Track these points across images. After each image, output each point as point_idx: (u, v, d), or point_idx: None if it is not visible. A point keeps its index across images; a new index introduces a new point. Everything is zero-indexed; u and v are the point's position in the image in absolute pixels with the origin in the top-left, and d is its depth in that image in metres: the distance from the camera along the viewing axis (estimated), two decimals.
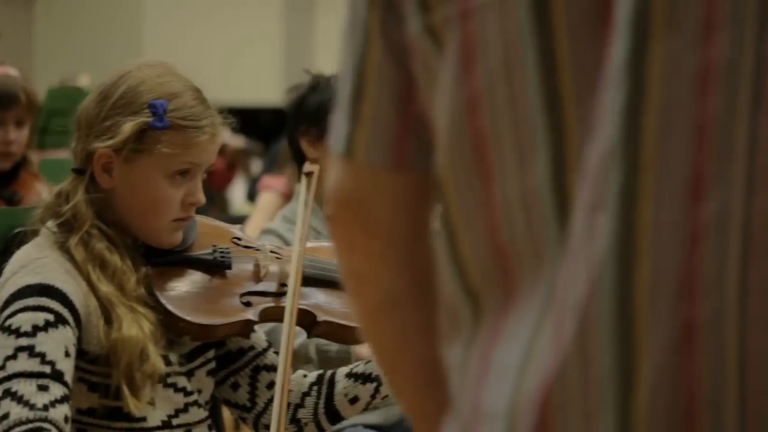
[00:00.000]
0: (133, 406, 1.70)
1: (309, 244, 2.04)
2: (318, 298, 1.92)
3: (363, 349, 2.52)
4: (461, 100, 0.82)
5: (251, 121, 6.08)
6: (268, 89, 8.83)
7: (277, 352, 1.97)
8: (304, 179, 1.96)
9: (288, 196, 3.44)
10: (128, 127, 1.74)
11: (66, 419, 1.62)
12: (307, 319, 1.87)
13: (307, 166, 1.99)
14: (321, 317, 1.90)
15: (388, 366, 1.01)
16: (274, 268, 1.89)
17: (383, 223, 0.92)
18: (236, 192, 7.28)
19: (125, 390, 1.69)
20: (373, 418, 2.42)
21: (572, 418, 0.77)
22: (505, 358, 0.80)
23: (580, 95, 0.79)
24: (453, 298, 0.85)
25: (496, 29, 0.81)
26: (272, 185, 3.92)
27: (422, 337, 0.94)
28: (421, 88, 0.88)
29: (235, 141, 5.68)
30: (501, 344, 0.81)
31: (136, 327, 1.71)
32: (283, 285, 1.85)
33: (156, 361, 1.72)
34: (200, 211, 1.94)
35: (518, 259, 0.81)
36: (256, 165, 7.34)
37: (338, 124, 0.93)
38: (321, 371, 2.00)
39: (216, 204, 5.80)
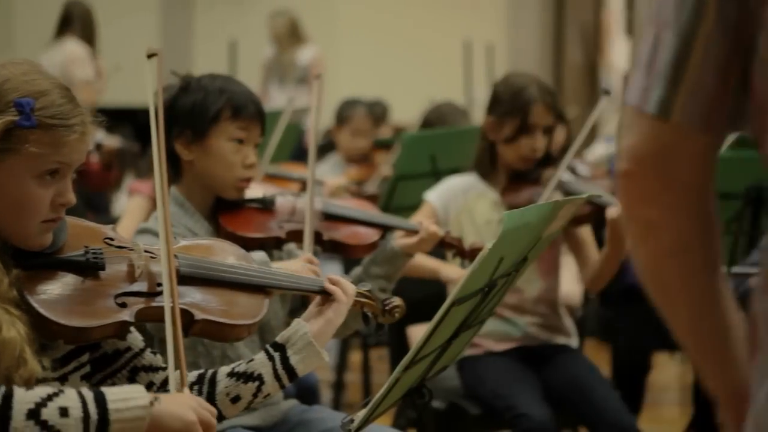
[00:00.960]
0: None
1: (183, 242, 2.02)
2: (195, 297, 1.91)
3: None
4: None
5: (128, 122, 5.98)
6: (145, 89, 8.68)
7: (155, 352, 1.94)
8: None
9: (155, 201, 3.40)
10: None
11: None
12: (184, 319, 1.85)
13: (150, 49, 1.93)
14: (199, 316, 1.88)
15: (670, 306, 1.14)
16: (149, 267, 1.86)
17: (684, 177, 1.04)
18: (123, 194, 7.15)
19: None
20: (252, 419, 2.41)
21: None
22: None
23: None
24: None
25: None
26: (141, 189, 3.86)
27: (706, 277, 1.07)
28: (760, 62, 0.95)
29: (111, 141, 5.58)
30: None
31: (13, 329, 1.68)
32: (159, 285, 1.83)
33: (33, 364, 1.69)
34: (74, 212, 1.90)
35: None
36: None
37: (649, 86, 1.01)
38: (201, 371, 1.99)
39: (95, 206, 5.69)
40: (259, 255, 2.33)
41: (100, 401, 1.66)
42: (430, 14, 8.98)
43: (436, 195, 3.26)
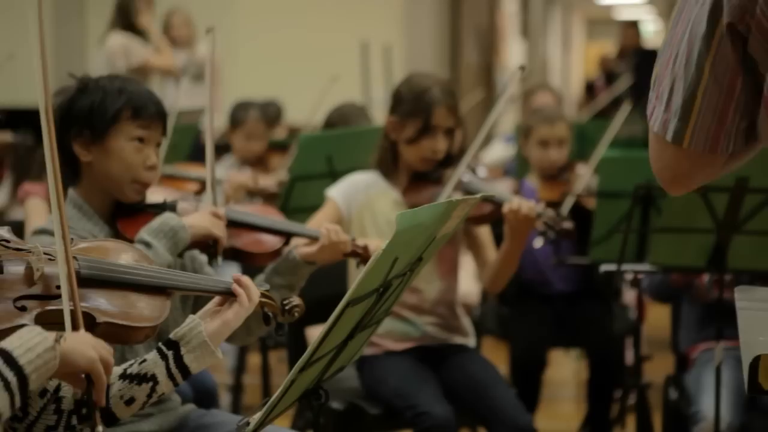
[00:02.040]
0: None
1: (82, 244, 1.98)
2: (96, 299, 1.88)
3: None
4: None
5: (24, 122, 5.86)
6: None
7: None
8: None
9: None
10: None
11: None
12: (86, 321, 1.82)
13: None
14: (101, 318, 1.85)
15: None
16: (48, 269, 1.82)
17: (701, 181, 1.52)
18: None
19: None
20: (149, 425, 2.38)
21: None
22: None
23: None
24: None
25: None
26: (34, 191, 3.78)
27: None
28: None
29: (2, 135, 5.46)
30: None
31: None
32: (58, 287, 1.79)
33: None
34: None
35: None
36: None
37: (668, 120, 1.46)
38: None
39: None
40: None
41: (10, 361, 1.63)
42: (327, 14, 8.98)
43: (338, 191, 3.26)
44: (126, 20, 6.82)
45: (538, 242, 3.33)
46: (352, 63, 7.67)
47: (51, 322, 1.80)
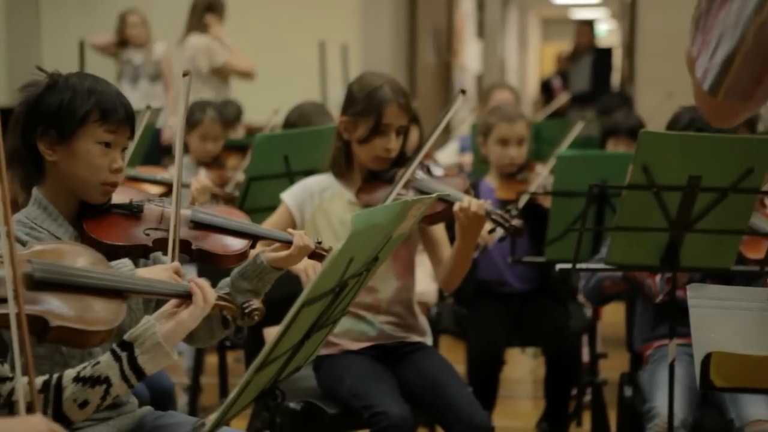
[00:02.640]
0: None
1: (37, 246, 1.96)
2: (49, 302, 1.86)
3: None
4: None
5: None
6: None
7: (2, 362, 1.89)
8: None
9: (14, 203, 3.28)
10: None
11: None
12: (38, 325, 1.80)
13: None
14: (54, 322, 1.83)
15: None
16: None
17: (733, 121, 1.70)
18: None
19: None
20: (106, 429, 2.36)
21: None
22: None
23: None
24: None
25: None
26: None
27: None
28: None
29: None
30: None
31: None
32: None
33: None
34: None
35: None
36: None
37: (708, 70, 1.57)
38: (46, 377, 1.94)
39: None
40: (124, 264, 2.28)
41: None
42: (285, 14, 8.96)
43: (290, 195, 3.27)
44: (201, 24, 7.08)
45: (495, 234, 3.36)
46: (310, 62, 7.66)
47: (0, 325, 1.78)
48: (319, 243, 2.61)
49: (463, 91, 3.43)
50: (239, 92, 7.27)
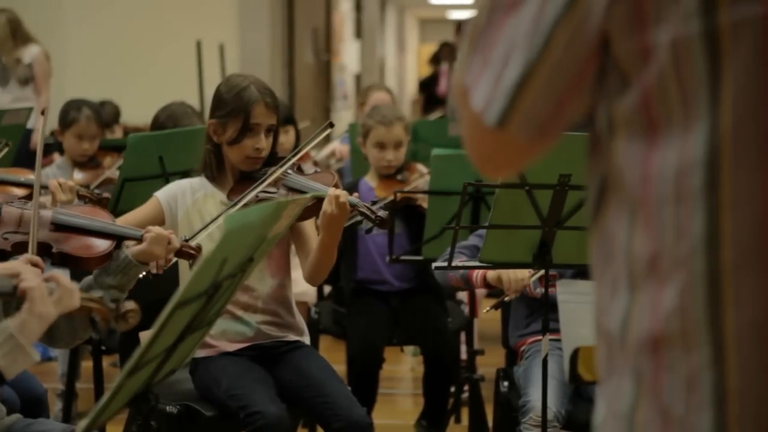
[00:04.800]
0: None
1: None
2: None
3: None
4: (754, 90, 1.02)
5: None
6: None
7: None
8: None
9: None
10: None
11: None
12: None
13: None
14: None
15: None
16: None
17: (515, 166, 1.23)
18: None
19: None
20: None
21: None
22: None
23: None
24: None
25: None
26: None
27: None
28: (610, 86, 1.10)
29: None
30: None
31: None
32: None
33: None
34: None
35: None
36: None
37: (493, 98, 1.12)
38: None
39: None
40: None
41: None
42: (161, 13, 8.84)
43: (162, 192, 3.25)
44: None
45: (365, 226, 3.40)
46: (188, 62, 7.58)
47: None
48: (186, 240, 2.59)
49: (332, 125, 3.46)
50: (115, 92, 7.15)
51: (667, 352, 1.05)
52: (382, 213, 3.13)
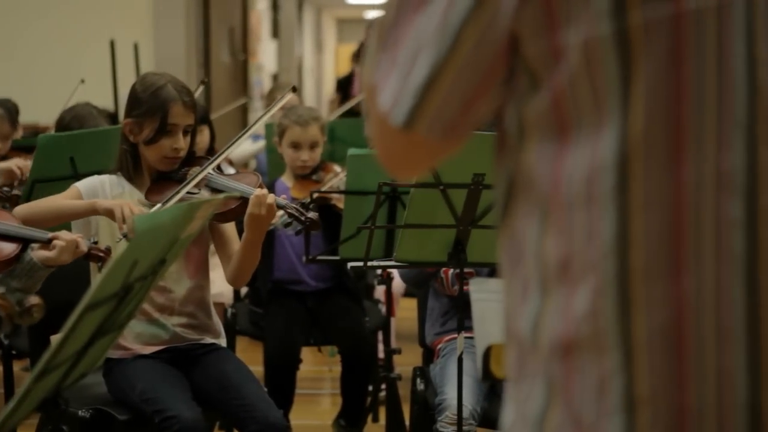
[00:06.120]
0: None
1: None
2: None
3: None
4: (665, 92, 1.01)
5: None
6: None
7: None
8: None
9: None
10: None
11: None
12: None
13: None
14: None
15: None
16: None
17: (424, 166, 1.29)
18: None
19: None
20: None
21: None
22: None
23: None
24: None
25: (713, 33, 1.01)
26: None
27: None
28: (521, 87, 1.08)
29: None
30: None
31: None
32: None
33: None
34: None
35: None
36: None
37: (400, 98, 1.10)
38: None
39: None
40: None
41: None
42: (73, 12, 8.70)
43: (83, 184, 3.20)
44: None
45: (288, 230, 3.37)
46: (101, 61, 7.47)
47: None
48: (95, 243, 2.56)
49: (294, 88, 3.46)
50: (26, 91, 7.01)
51: (579, 357, 1.04)
52: (312, 214, 3.12)
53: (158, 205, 3.06)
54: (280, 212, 3.17)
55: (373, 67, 1.13)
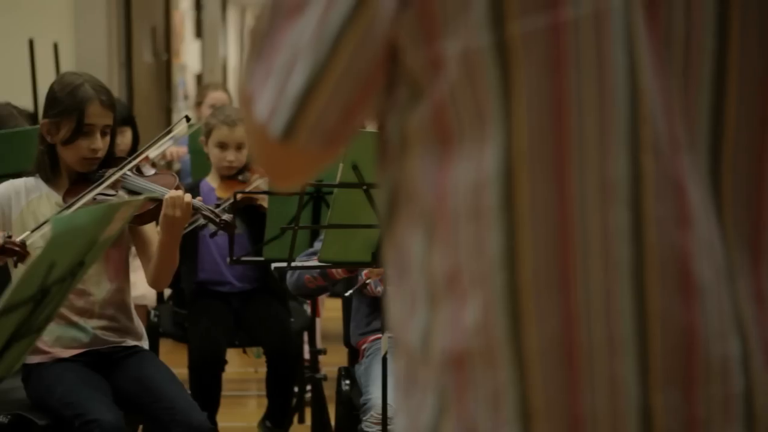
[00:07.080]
0: None
1: None
2: None
3: None
4: (546, 103, 1.00)
5: None
6: None
7: None
8: None
9: None
10: None
11: None
12: None
13: None
14: None
15: None
16: None
17: (304, 176, 1.19)
18: None
19: None
20: None
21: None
22: None
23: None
24: None
25: (591, 41, 0.99)
26: None
27: None
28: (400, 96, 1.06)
29: None
30: None
31: None
32: None
33: None
34: None
35: None
36: None
37: (277, 108, 1.05)
38: None
39: None
40: None
41: None
42: None
43: None
44: None
45: (203, 232, 3.35)
46: (19, 61, 7.35)
47: None
48: (9, 237, 2.52)
49: (188, 118, 3.43)
50: None
51: (471, 370, 1.02)
52: (226, 216, 3.10)
53: (65, 207, 3.03)
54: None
55: (247, 76, 1.08)
